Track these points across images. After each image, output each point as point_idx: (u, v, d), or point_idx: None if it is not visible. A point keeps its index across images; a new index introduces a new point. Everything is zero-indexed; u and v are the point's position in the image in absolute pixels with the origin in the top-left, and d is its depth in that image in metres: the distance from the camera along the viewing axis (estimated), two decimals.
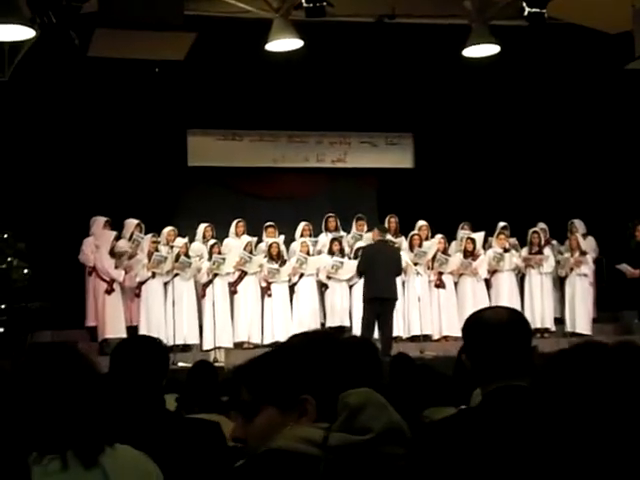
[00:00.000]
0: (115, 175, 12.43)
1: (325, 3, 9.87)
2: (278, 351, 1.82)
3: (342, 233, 12.30)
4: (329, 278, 11.75)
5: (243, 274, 11.56)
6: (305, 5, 9.88)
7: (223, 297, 11.45)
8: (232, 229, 12.06)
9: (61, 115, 12.19)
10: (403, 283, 11.89)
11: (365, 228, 12.25)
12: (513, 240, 12.45)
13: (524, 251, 12.32)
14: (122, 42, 8.86)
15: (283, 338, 9.36)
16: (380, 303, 10.66)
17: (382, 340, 10.35)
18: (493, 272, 12.20)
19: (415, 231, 12.22)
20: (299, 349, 1.81)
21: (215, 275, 11.39)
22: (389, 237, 11.84)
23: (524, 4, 10.08)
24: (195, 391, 4.38)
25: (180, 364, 9.62)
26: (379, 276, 10.61)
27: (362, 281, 11.02)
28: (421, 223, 12.36)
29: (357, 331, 11.15)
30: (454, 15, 11.12)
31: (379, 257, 10.72)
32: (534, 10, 10.04)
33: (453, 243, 12.44)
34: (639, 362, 2.76)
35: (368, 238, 11.82)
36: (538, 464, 2.16)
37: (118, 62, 10.16)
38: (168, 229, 11.64)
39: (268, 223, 12.13)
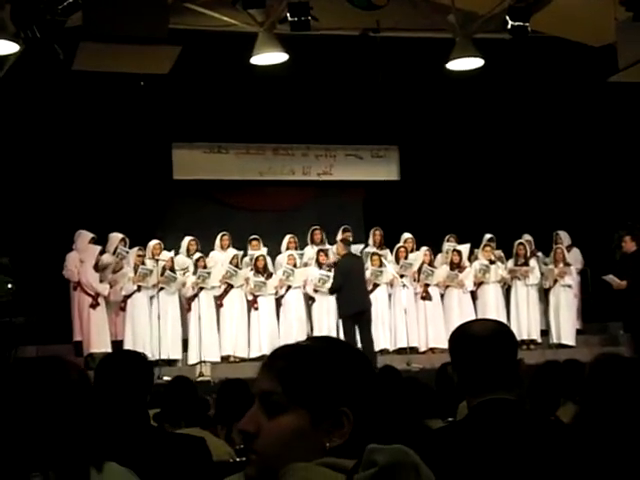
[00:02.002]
0: (100, 189, 12.38)
1: (310, 17, 9.89)
2: (324, 350, 1.55)
3: (328, 246, 12.30)
4: (316, 291, 11.74)
5: (229, 287, 11.53)
6: (290, 19, 9.90)
7: (209, 311, 11.40)
8: (217, 242, 12.04)
9: (46, 129, 12.15)
10: (389, 296, 11.91)
11: (351, 239, 12.26)
12: (499, 252, 12.48)
13: (510, 263, 12.35)
14: (106, 56, 8.84)
15: (269, 351, 9.33)
16: (359, 317, 10.70)
17: (366, 354, 10.33)
18: (479, 284, 12.21)
19: (401, 243, 12.24)
20: (344, 354, 1.55)
21: (201, 289, 11.36)
22: (373, 249, 11.93)
23: (507, 17, 10.14)
24: (174, 406, 4.38)
25: (165, 378, 9.55)
26: (356, 290, 10.70)
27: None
28: (406, 235, 12.38)
29: None
30: (438, 29, 11.18)
31: (351, 271, 10.81)
32: (517, 23, 10.09)
33: (439, 255, 12.46)
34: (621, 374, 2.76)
35: (355, 250, 11.87)
36: (526, 477, 2.15)
37: (103, 75, 10.13)
38: (154, 242, 11.60)
39: (253, 236, 12.11)
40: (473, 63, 11.01)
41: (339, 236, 12.27)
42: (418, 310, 11.97)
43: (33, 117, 11.96)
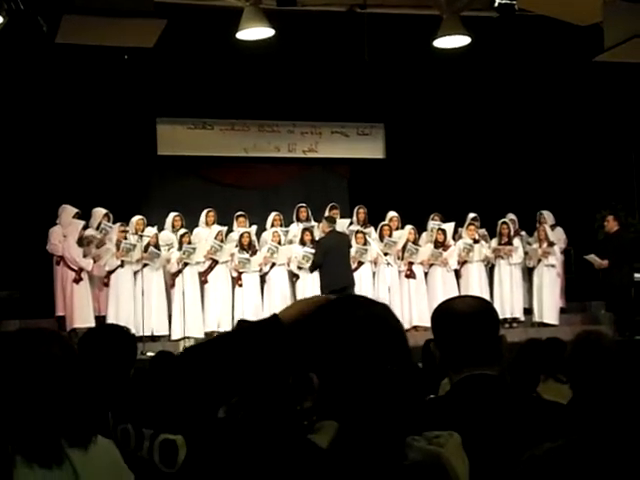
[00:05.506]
0: (84, 164, 12.31)
1: None
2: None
3: (313, 223, 12.30)
4: (300, 268, 11.75)
5: (214, 263, 11.52)
6: None
7: (193, 287, 11.40)
8: (202, 219, 12.00)
9: (29, 102, 12.03)
10: (373, 274, 11.94)
11: (339, 216, 12.27)
12: (483, 231, 12.52)
13: (494, 242, 12.40)
14: (90, 29, 8.72)
15: None
16: (342, 293, 10.74)
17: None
18: (463, 263, 12.26)
19: (385, 221, 12.26)
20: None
21: (185, 265, 11.34)
22: (357, 227, 11.95)
23: None
24: None
25: (149, 354, 9.56)
26: (338, 267, 10.73)
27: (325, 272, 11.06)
28: (392, 214, 12.40)
29: None
30: (425, 6, 11.12)
31: (334, 248, 10.84)
32: (504, 1, 10.06)
33: (423, 234, 12.49)
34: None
35: (341, 225, 11.87)
36: (506, 452, 2.17)
37: (87, 49, 10.03)
38: (137, 218, 11.55)
39: (239, 213, 12.09)
40: (460, 41, 10.96)
41: (326, 213, 12.28)
42: (402, 288, 12.01)
43: (15, 90, 11.83)
